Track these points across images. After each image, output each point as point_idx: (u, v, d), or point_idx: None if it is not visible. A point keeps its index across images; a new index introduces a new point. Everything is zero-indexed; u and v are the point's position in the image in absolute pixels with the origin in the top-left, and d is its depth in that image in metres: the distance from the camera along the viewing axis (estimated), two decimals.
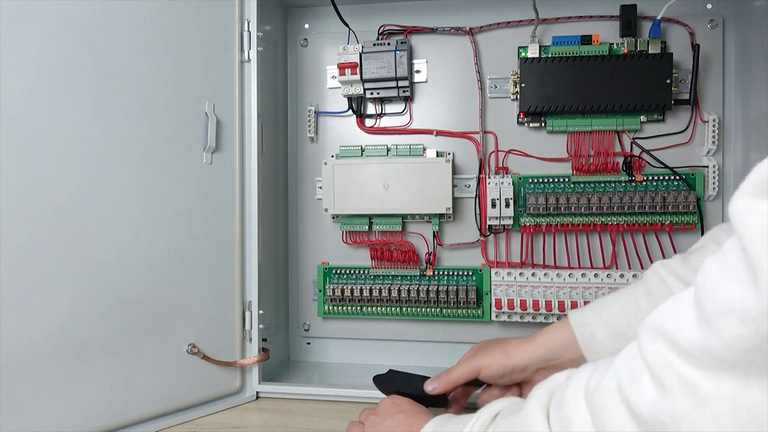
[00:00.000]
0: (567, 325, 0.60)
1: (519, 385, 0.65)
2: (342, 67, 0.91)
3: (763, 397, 0.25)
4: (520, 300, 0.88)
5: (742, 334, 0.25)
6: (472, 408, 0.60)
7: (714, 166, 0.88)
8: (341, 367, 0.99)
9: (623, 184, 0.89)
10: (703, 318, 0.28)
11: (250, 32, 0.85)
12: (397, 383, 0.74)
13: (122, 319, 0.71)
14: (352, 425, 0.63)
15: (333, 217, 0.98)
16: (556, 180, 0.91)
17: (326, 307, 0.97)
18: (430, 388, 0.66)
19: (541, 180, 0.91)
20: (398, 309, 0.95)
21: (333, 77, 0.98)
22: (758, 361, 0.25)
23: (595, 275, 0.87)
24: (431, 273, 0.95)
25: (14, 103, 0.62)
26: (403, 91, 0.93)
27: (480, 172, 0.93)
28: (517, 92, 0.91)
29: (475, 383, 0.67)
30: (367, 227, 0.96)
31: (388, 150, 0.95)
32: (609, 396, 0.33)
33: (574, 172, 0.91)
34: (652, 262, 0.88)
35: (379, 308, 0.95)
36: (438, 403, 0.75)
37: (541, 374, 0.61)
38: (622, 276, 0.86)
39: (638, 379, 0.31)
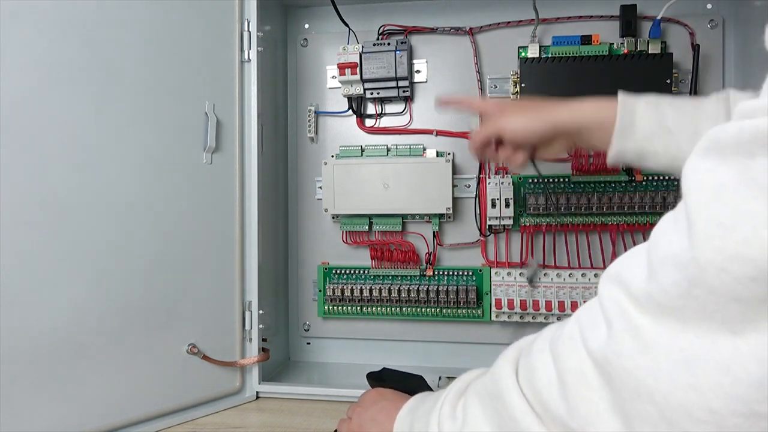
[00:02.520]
0: (612, 105, 0.60)
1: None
2: (342, 67, 0.91)
3: (696, 340, 0.27)
4: (520, 300, 0.88)
5: (676, 279, 0.28)
6: None
7: None
8: (341, 367, 0.99)
9: (623, 184, 0.89)
10: (650, 265, 0.30)
11: (250, 32, 0.85)
12: (390, 381, 0.75)
13: (122, 319, 0.71)
14: (341, 423, 0.63)
15: (333, 217, 0.98)
16: (556, 180, 0.91)
17: (326, 307, 0.97)
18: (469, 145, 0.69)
19: (541, 180, 0.91)
20: (398, 309, 0.95)
21: (333, 77, 0.98)
22: (690, 305, 0.27)
23: (595, 275, 0.87)
24: (431, 273, 0.95)
25: (14, 104, 0.62)
26: (403, 91, 0.93)
27: (480, 172, 0.93)
28: (517, 92, 0.91)
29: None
30: (367, 227, 0.96)
31: (388, 150, 0.95)
32: (570, 341, 0.35)
33: (574, 172, 0.91)
34: None
35: (379, 308, 0.95)
36: None
37: (565, 139, 0.63)
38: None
39: (594, 322, 0.33)
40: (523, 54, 0.92)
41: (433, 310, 0.94)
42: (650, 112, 0.58)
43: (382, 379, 0.75)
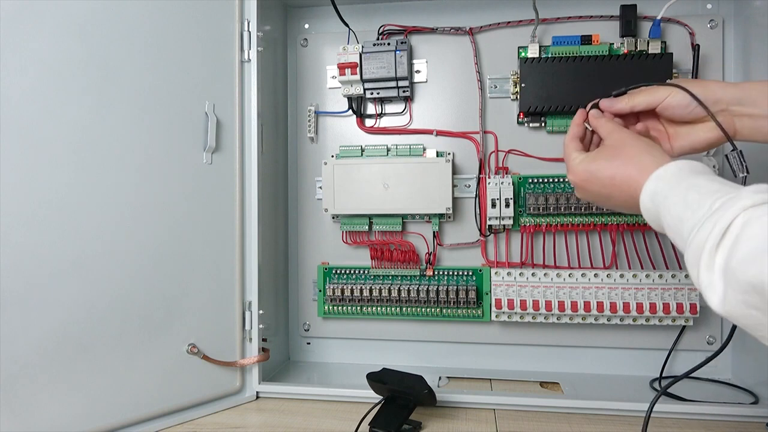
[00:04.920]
0: None
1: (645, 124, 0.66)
2: (342, 67, 0.91)
3: None
4: (520, 300, 0.88)
5: None
6: None
7: (714, 167, 0.88)
8: (341, 367, 0.99)
9: None
10: None
11: (250, 32, 0.85)
12: (392, 381, 0.75)
13: (122, 319, 0.71)
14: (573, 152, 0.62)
15: (333, 217, 0.98)
16: (556, 180, 0.91)
17: (326, 307, 0.97)
18: (604, 103, 0.66)
19: (541, 180, 0.91)
20: (398, 309, 0.95)
21: (333, 77, 0.98)
22: None
23: (595, 275, 0.87)
24: (431, 273, 0.95)
25: (14, 104, 0.62)
26: (403, 91, 0.93)
27: (480, 172, 0.93)
28: (517, 92, 0.91)
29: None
30: (367, 227, 0.96)
31: (388, 150, 0.95)
32: None
33: None
34: (652, 262, 0.89)
35: (379, 308, 0.95)
36: (427, 401, 0.76)
37: (724, 115, 0.60)
38: (622, 276, 0.86)
39: None
40: (523, 54, 0.92)
41: (433, 310, 0.94)
42: None
43: (382, 379, 0.75)
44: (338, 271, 0.98)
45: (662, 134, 0.65)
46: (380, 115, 0.98)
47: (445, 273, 0.95)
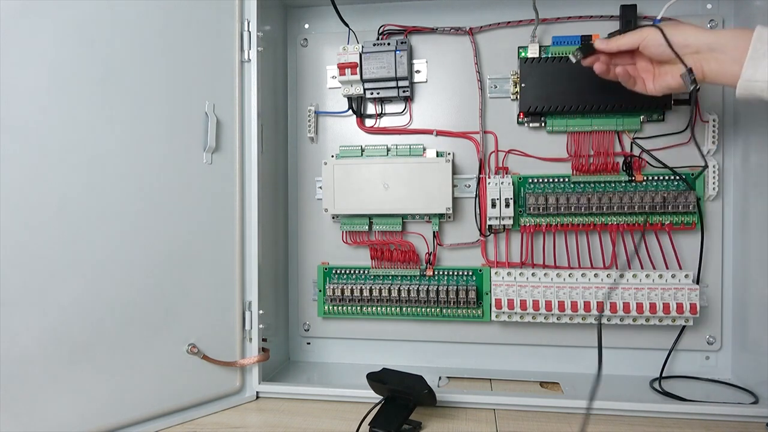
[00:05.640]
0: (749, 33, 0.63)
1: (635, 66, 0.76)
2: (342, 67, 0.91)
3: None
4: (520, 300, 0.88)
5: None
6: None
7: (714, 166, 0.88)
8: (341, 367, 0.99)
9: (623, 184, 0.89)
10: None
11: (250, 32, 0.85)
12: (392, 381, 0.75)
13: (122, 319, 0.71)
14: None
15: (333, 217, 0.98)
16: (556, 180, 0.91)
17: (326, 307, 0.97)
18: (598, 42, 0.74)
19: (541, 180, 0.91)
20: (398, 309, 0.95)
21: (333, 77, 0.98)
22: None
23: (595, 275, 0.87)
24: (431, 273, 0.95)
25: (15, 104, 0.62)
26: (403, 91, 0.93)
27: (480, 172, 0.93)
28: (517, 92, 0.91)
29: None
30: (367, 227, 0.96)
31: (388, 150, 0.95)
32: None
33: (574, 172, 0.91)
34: (652, 262, 0.89)
35: (379, 308, 0.95)
36: (427, 401, 0.76)
37: (694, 58, 0.67)
38: (622, 276, 0.86)
39: None
40: (523, 54, 0.92)
41: (433, 310, 0.94)
42: None
43: (382, 379, 0.75)
44: (338, 271, 0.98)
45: (649, 73, 0.74)
46: (380, 115, 0.98)
47: (445, 273, 0.95)
